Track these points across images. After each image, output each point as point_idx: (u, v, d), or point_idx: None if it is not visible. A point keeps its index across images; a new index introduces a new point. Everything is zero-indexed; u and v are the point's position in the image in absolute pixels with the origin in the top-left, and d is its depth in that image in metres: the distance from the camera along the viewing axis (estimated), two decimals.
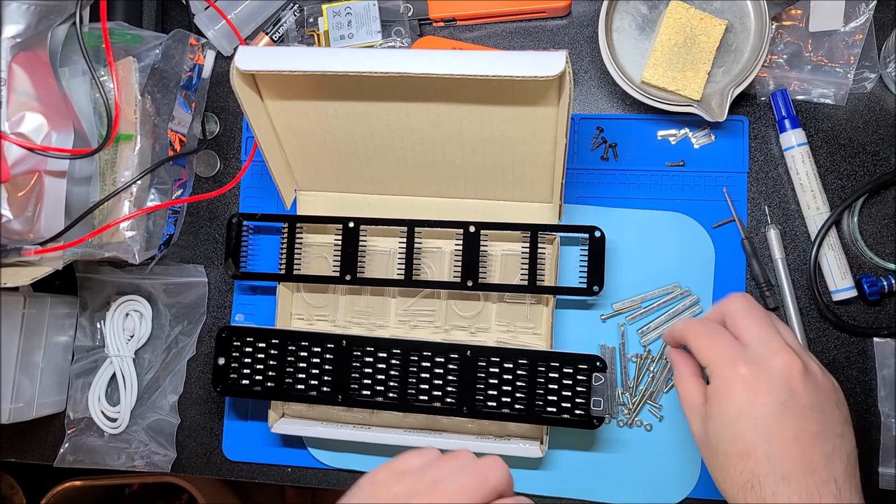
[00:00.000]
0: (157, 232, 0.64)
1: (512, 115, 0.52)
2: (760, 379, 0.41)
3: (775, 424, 0.40)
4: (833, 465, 0.39)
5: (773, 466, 0.39)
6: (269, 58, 0.48)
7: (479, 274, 0.59)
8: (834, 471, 0.39)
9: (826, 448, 0.40)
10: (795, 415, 0.40)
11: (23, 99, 0.56)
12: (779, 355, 0.41)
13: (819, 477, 0.39)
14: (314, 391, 0.58)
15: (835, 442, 0.40)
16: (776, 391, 0.40)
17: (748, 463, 0.40)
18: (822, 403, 0.41)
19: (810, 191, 0.60)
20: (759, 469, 0.40)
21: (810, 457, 0.39)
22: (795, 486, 0.38)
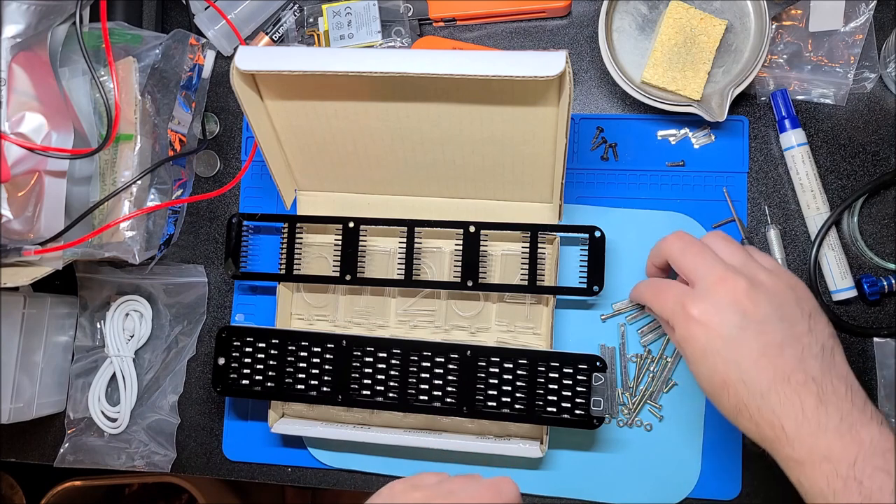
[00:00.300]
0: (157, 232, 0.64)
1: (512, 115, 0.52)
2: (710, 313, 0.42)
3: (738, 349, 0.41)
4: (806, 364, 0.40)
5: (750, 387, 0.41)
6: (269, 58, 0.48)
7: (479, 274, 0.59)
8: (809, 370, 0.40)
9: (795, 351, 0.41)
10: (754, 333, 0.41)
11: (23, 99, 0.56)
12: (721, 283, 0.43)
13: (796, 381, 0.40)
14: (314, 391, 0.58)
15: (802, 341, 0.41)
16: (728, 319, 0.42)
17: (730, 391, 0.42)
18: (779, 310, 0.42)
19: (810, 191, 0.60)
20: (740, 393, 0.41)
21: (782, 366, 0.40)
22: (775, 397, 0.40)
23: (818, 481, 0.38)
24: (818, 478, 0.38)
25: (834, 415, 0.39)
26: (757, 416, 0.41)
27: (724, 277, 0.43)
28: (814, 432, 0.39)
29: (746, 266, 0.45)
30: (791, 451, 0.39)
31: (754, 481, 0.59)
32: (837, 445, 0.38)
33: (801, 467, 0.39)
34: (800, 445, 0.39)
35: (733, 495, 0.59)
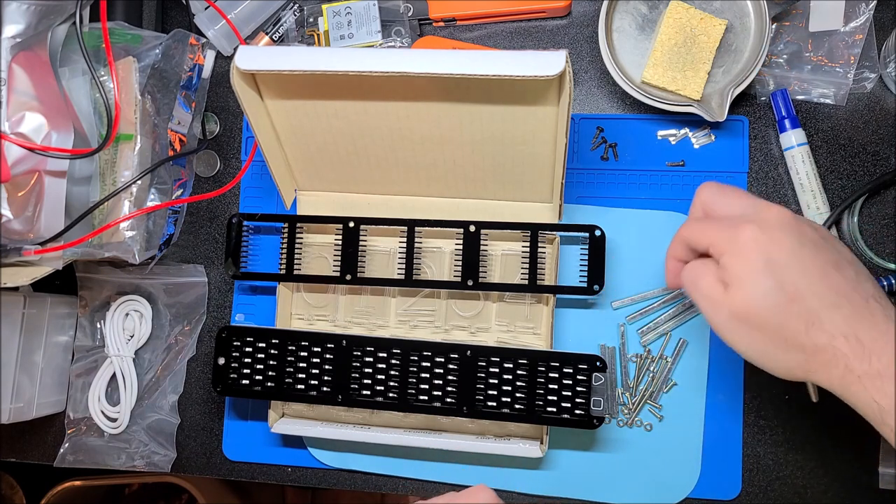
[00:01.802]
0: (157, 232, 0.64)
1: (512, 115, 0.52)
2: (767, 230, 0.41)
3: (803, 260, 0.40)
4: (864, 286, 0.40)
5: (821, 298, 0.40)
6: (269, 57, 0.48)
7: (479, 273, 0.59)
8: (868, 290, 0.40)
9: (849, 273, 0.41)
10: (812, 249, 0.41)
11: (23, 99, 0.56)
12: (769, 209, 0.42)
13: (860, 296, 0.40)
14: (314, 391, 0.58)
15: (854, 265, 0.41)
16: (787, 234, 0.41)
17: (799, 305, 0.40)
18: (826, 237, 0.42)
19: (810, 191, 0.60)
20: (811, 304, 0.40)
21: (844, 284, 0.40)
22: (847, 309, 0.39)
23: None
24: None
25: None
26: (831, 328, 0.39)
27: (770, 205, 0.43)
28: (889, 343, 0.38)
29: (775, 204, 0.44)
30: (868, 366, 0.38)
31: (754, 481, 0.59)
32: None
33: (878, 381, 0.38)
34: (878, 358, 0.38)
35: (733, 495, 0.59)
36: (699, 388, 0.60)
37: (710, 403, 0.60)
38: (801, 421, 0.59)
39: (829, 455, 0.59)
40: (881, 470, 0.58)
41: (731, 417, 0.59)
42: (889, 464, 0.58)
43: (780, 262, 0.41)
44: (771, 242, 0.41)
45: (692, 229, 0.45)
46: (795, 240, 0.41)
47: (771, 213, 0.42)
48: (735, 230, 0.41)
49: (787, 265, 0.41)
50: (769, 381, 0.60)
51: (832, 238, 0.43)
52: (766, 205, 0.42)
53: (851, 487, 0.58)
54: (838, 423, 0.59)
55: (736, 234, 0.41)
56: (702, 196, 0.46)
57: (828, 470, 0.59)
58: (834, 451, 0.59)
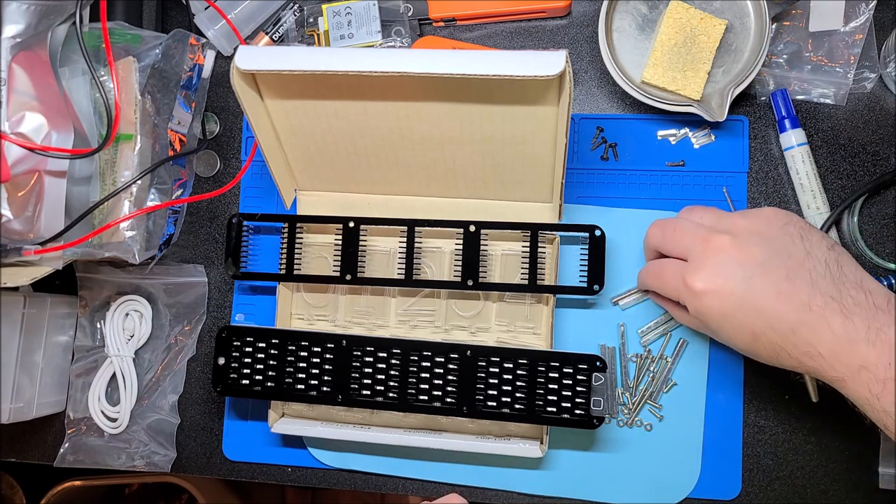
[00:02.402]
0: (157, 232, 0.64)
1: (512, 115, 0.52)
2: (712, 279, 0.43)
3: (753, 299, 0.42)
4: (819, 287, 0.41)
5: (778, 329, 0.41)
6: (269, 57, 0.48)
7: (479, 273, 0.59)
8: (825, 290, 0.41)
9: (804, 277, 0.41)
10: (761, 277, 0.42)
11: (23, 99, 0.56)
12: (708, 245, 0.44)
13: (816, 306, 0.41)
14: (314, 391, 0.58)
15: (806, 266, 0.42)
16: (731, 276, 0.42)
17: (762, 340, 0.42)
18: (771, 246, 0.43)
19: (810, 191, 0.60)
20: (772, 339, 0.42)
21: (798, 297, 0.41)
22: (804, 328, 0.41)
23: (861, 391, 0.39)
24: (860, 388, 0.39)
25: (860, 325, 0.40)
26: (795, 353, 0.41)
27: (707, 239, 0.44)
28: (846, 348, 0.39)
29: (721, 222, 0.46)
30: (833, 372, 0.40)
31: (754, 481, 0.59)
32: (871, 353, 0.39)
33: (843, 384, 0.40)
34: (838, 364, 0.40)
35: (733, 495, 0.59)
36: (699, 388, 0.60)
37: (710, 403, 0.60)
38: (801, 421, 0.59)
39: (829, 455, 0.59)
40: (881, 470, 0.58)
41: (731, 417, 0.59)
42: (889, 464, 0.58)
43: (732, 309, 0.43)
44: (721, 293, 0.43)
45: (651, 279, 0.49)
46: (742, 278, 0.42)
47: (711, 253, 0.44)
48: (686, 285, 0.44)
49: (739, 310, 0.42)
50: (769, 381, 0.60)
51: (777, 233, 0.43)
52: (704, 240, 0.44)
53: (851, 487, 0.58)
54: (838, 424, 0.59)
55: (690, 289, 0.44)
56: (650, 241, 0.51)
57: (828, 470, 0.59)
58: (834, 452, 0.59)
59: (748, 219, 0.45)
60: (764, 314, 0.42)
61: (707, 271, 0.43)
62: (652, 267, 0.51)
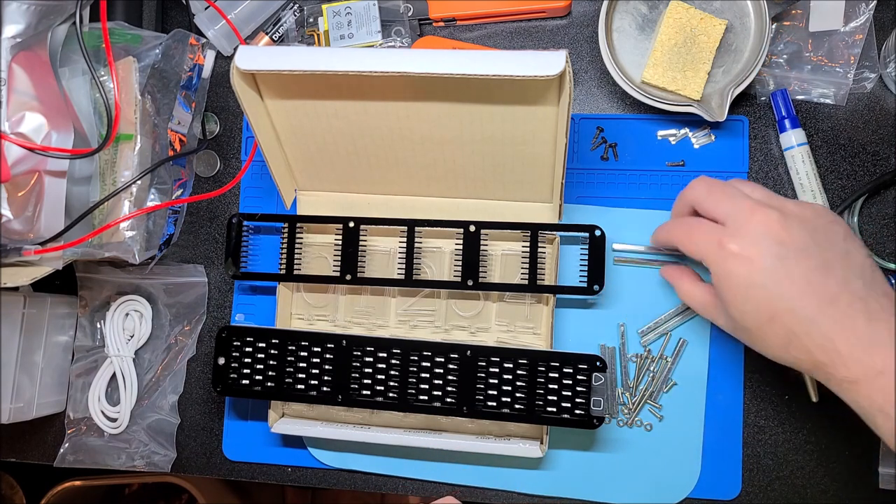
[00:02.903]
0: (157, 232, 0.64)
1: (512, 115, 0.52)
2: (748, 247, 0.42)
3: (782, 279, 0.41)
4: (851, 285, 0.40)
5: (798, 315, 0.40)
6: (269, 57, 0.48)
7: (479, 273, 0.59)
8: (855, 290, 0.40)
9: (837, 274, 0.41)
10: (795, 260, 0.41)
11: (23, 99, 0.56)
12: (753, 216, 0.43)
13: (844, 302, 0.40)
14: (314, 391, 0.58)
15: (843, 263, 0.41)
16: (767, 250, 0.41)
17: (778, 324, 0.41)
18: (814, 235, 0.42)
19: (810, 191, 0.60)
20: (788, 323, 0.41)
21: (827, 290, 0.40)
22: (825, 320, 0.40)
23: (875, 397, 0.38)
24: (874, 393, 0.38)
25: (883, 330, 0.39)
26: (808, 343, 0.40)
27: (754, 209, 0.43)
28: (866, 349, 0.39)
29: (772, 199, 0.45)
30: (846, 372, 0.39)
31: (754, 481, 0.59)
32: (890, 359, 0.38)
33: (856, 386, 0.39)
34: (854, 364, 0.39)
35: (733, 495, 0.59)
36: (699, 388, 0.60)
37: (710, 403, 0.60)
38: (801, 421, 0.59)
39: (829, 455, 0.59)
40: (881, 470, 0.58)
41: (731, 417, 0.59)
42: (889, 464, 0.58)
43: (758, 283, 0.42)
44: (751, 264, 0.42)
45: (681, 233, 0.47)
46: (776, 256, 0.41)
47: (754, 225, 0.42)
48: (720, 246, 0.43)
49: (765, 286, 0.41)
50: (769, 382, 0.60)
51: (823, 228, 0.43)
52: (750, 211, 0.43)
53: (851, 487, 0.58)
54: (838, 423, 0.59)
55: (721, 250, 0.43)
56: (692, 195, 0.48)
57: (828, 470, 0.59)
58: (834, 451, 0.59)
59: (798, 206, 0.44)
60: (788, 297, 0.41)
61: (745, 237, 0.42)
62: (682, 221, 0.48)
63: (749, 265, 0.42)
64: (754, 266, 0.42)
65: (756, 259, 0.42)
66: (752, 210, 0.43)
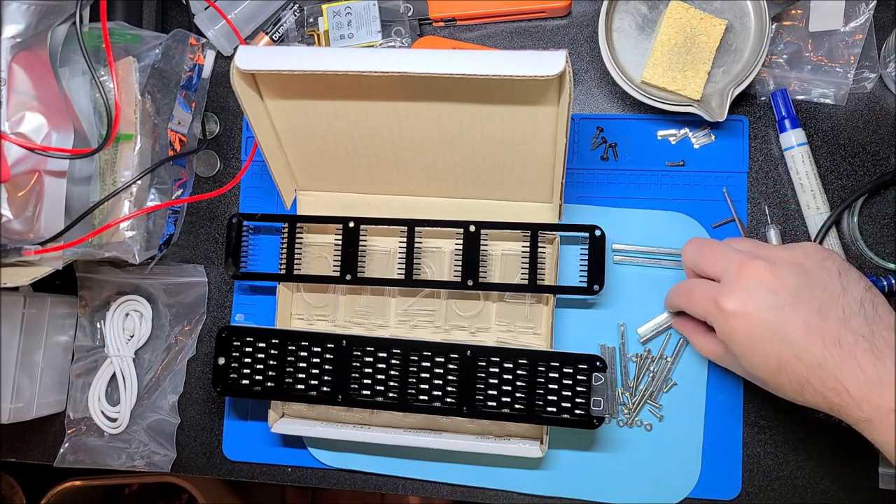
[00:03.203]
0: (157, 232, 0.64)
1: (512, 115, 0.52)
2: (744, 302, 0.42)
3: (782, 327, 0.41)
4: (852, 324, 0.41)
5: (805, 361, 0.41)
6: (269, 57, 0.48)
7: (479, 273, 0.59)
8: (857, 329, 0.40)
9: (837, 314, 0.41)
10: (791, 307, 0.42)
11: (23, 99, 0.56)
12: (743, 270, 0.43)
13: (847, 343, 0.40)
14: (314, 391, 0.58)
15: (840, 302, 0.41)
16: (762, 302, 0.42)
17: (788, 371, 0.42)
18: (807, 277, 0.42)
19: (810, 191, 0.60)
20: (798, 370, 0.41)
21: (829, 332, 0.40)
22: (832, 363, 0.40)
23: (890, 434, 0.38)
24: (889, 431, 0.38)
25: (891, 366, 0.39)
26: (820, 387, 0.40)
27: (743, 263, 0.44)
28: (876, 389, 0.39)
29: (759, 248, 0.45)
30: (860, 412, 0.39)
31: (754, 481, 0.59)
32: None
33: (871, 425, 0.39)
34: (867, 405, 0.39)
35: (733, 495, 0.59)
36: (699, 388, 0.60)
37: (710, 403, 0.60)
38: (801, 421, 0.59)
39: (829, 455, 0.59)
40: (881, 470, 0.58)
41: (731, 417, 0.59)
42: (889, 464, 0.58)
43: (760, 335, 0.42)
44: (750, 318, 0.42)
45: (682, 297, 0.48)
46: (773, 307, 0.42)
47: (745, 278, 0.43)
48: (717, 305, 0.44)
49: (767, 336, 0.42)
50: None
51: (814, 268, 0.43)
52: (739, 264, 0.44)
53: (851, 487, 0.58)
54: (838, 423, 0.59)
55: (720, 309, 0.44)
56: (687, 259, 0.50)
57: (828, 470, 0.59)
58: (834, 451, 0.59)
59: (787, 250, 0.45)
60: (791, 343, 0.41)
61: (739, 294, 0.43)
62: (682, 285, 0.51)
63: (748, 320, 0.42)
64: (752, 320, 0.42)
65: (753, 313, 0.42)
66: (741, 264, 0.44)
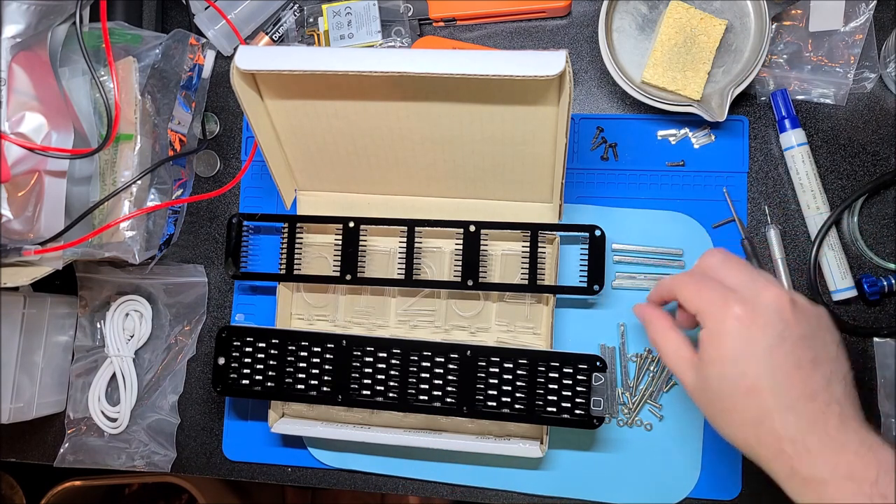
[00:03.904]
0: (157, 232, 0.64)
1: (512, 115, 0.52)
2: (754, 315, 0.41)
3: (776, 357, 0.41)
4: (833, 388, 0.40)
5: (778, 398, 0.40)
6: (269, 57, 0.48)
7: (479, 273, 0.59)
8: (835, 393, 0.40)
9: (825, 372, 0.41)
10: (793, 345, 0.41)
11: (23, 99, 0.56)
12: (767, 291, 0.42)
13: (822, 400, 0.40)
14: (314, 391, 0.58)
15: (831, 366, 0.41)
16: (771, 324, 0.41)
17: (754, 399, 0.41)
18: (815, 330, 0.42)
19: (810, 191, 0.60)
20: (765, 403, 0.40)
21: (811, 383, 0.40)
22: (802, 411, 0.40)
23: (841, 501, 0.38)
24: (842, 497, 0.38)
25: (854, 437, 0.39)
26: (780, 429, 0.40)
27: (768, 285, 0.42)
28: (836, 451, 0.39)
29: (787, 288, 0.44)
30: (813, 470, 0.39)
31: (754, 481, 0.59)
32: (859, 465, 0.38)
33: (823, 486, 0.39)
34: (823, 463, 0.39)
35: (733, 495, 0.59)
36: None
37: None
38: None
39: None
40: None
41: None
42: None
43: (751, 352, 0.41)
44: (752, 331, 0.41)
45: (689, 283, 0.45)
46: (778, 334, 0.41)
47: (766, 298, 0.42)
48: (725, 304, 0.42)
49: (756, 357, 0.41)
50: None
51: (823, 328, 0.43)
52: (764, 285, 0.42)
53: None
54: None
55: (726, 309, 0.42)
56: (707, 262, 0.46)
57: None
58: None
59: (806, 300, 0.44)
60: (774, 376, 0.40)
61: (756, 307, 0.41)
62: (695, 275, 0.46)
63: (749, 332, 0.41)
64: (753, 335, 0.41)
65: (757, 329, 0.41)
66: (765, 285, 0.42)
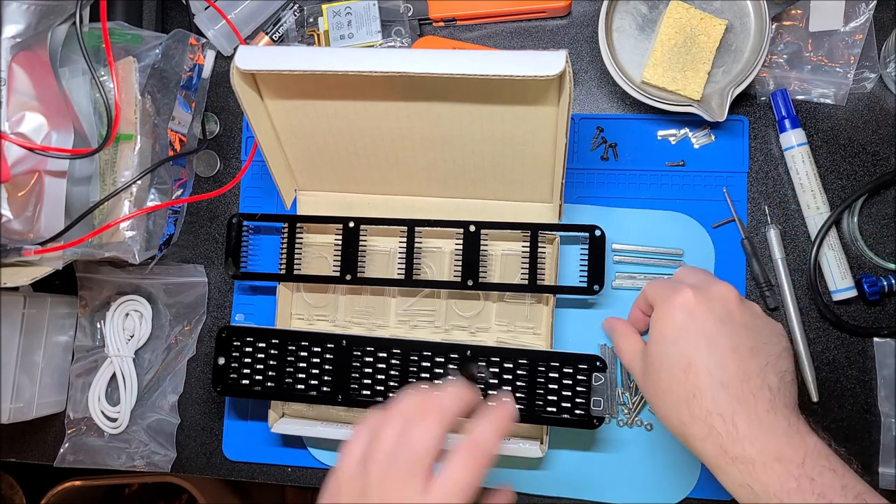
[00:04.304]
0: (157, 232, 0.64)
1: (512, 115, 0.52)
2: (699, 300, 0.44)
3: (714, 337, 0.43)
4: (767, 375, 0.42)
5: (712, 376, 0.42)
6: (269, 57, 0.48)
7: (479, 273, 0.59)
8: (768, 380, 0.42)
9: (760, 361, 0.43)
10: (732, 330, 0.44)
11: (23, 99, 0.56)
12: (718, 285, 0.46)
13: (754, 384, 0.42)
14: (314, 391, 0.58)
15: (769, 358, 0.43)
16: (714, 310, 0.44)
17: (690, 376, 0.43)
18: (758, 326, 0.45)
19: (810, 191, 0.60)
20: (700, 381, 0.42)
21: (746, 367, 0.42)
22: (733, 391, 0.42)
23: (770, 481, 0.39)
24: (770, 477, 0.39)
25: (783, 421, 0.41)
26: (711, 406, 0.41)
27: (721, 283, 0.46)
28: (766, 433, 0.40)
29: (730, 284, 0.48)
30: (741, 450, 0.40)
31: None
32: (787, 447, 0.40)
33: (750, 466, 0.40)
34: (750, 444, 0.40)
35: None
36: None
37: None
38: None
39: None
40: (881, 470, 0.58)
41: None
42: (889, 464, 0.58)
43: (691, 331, 0.44)
44: (694, 313, 0.44)
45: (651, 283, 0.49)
46: (719, 318, 0.44)
47: (714, 289, 0.45)
48: (675, 290, 0.45)
49: (696, 336, 0.44)
50: None
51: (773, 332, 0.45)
52: (717, 282, 0.46)
53: None
54: (838, 423, 0.59)
55: (674, 293, 0.45)
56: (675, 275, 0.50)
57: None
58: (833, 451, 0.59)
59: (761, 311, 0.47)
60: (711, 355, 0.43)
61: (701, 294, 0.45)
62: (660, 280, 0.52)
63: (692, 314, 0.44)
64: (696, 317, 0.44)
65: (700, 313, 0.44)
66: (718, 282, 0.46)
